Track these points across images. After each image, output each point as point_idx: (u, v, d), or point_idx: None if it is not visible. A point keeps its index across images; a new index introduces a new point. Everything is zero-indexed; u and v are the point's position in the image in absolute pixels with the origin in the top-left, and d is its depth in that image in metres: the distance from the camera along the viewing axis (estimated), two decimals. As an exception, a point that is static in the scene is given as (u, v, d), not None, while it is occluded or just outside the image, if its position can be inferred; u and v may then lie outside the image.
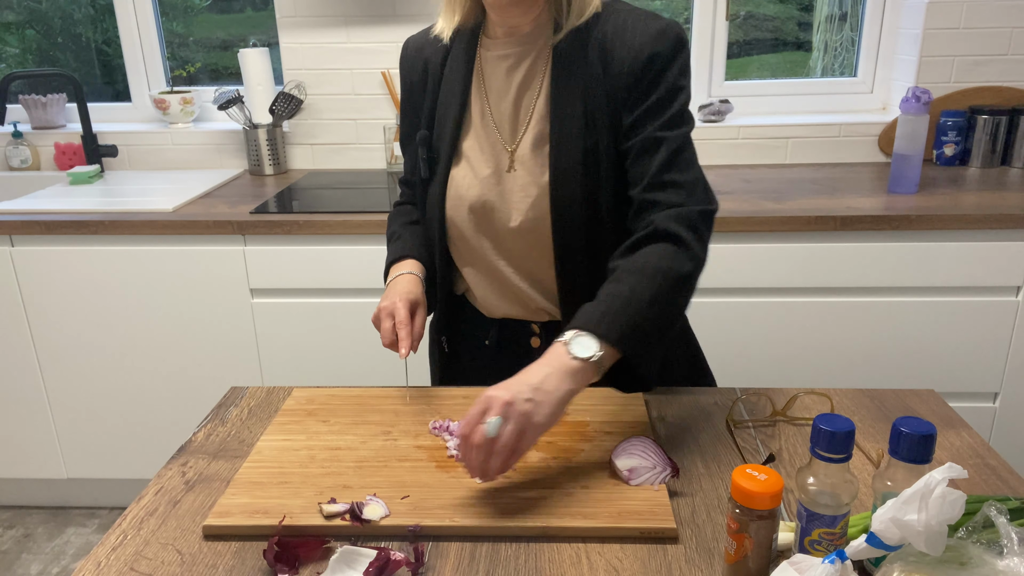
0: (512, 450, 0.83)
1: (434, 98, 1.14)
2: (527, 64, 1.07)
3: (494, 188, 1.09)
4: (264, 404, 1.13)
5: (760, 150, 2.42)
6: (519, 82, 1.08)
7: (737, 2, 2.50)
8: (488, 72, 1.10)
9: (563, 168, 1.04)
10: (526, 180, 1.07)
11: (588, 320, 0.91)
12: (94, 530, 2.29)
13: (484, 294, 1.17)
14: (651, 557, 0.79)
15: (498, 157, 1.09)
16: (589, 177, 1.04)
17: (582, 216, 1.05)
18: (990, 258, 1.87)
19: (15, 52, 2.75)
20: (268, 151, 2.45)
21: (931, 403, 1.09)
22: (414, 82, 1.17)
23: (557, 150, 1.04)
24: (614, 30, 1.02)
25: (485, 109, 1.10)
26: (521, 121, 1.08)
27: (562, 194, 1.05)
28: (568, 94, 1.04)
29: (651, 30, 1.00)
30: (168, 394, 2.16)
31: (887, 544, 0.64)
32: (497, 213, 1.09)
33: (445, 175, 1.12)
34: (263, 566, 0.79)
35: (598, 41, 1.03)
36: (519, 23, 1.07)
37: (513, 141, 1.09)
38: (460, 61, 1.12)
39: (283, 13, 2.40)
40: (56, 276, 2.06)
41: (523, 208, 1.07)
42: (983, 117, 2.25)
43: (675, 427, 1.04)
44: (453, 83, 1.12)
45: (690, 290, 0.99)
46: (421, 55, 1.16)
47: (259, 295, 2.05)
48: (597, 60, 1.03)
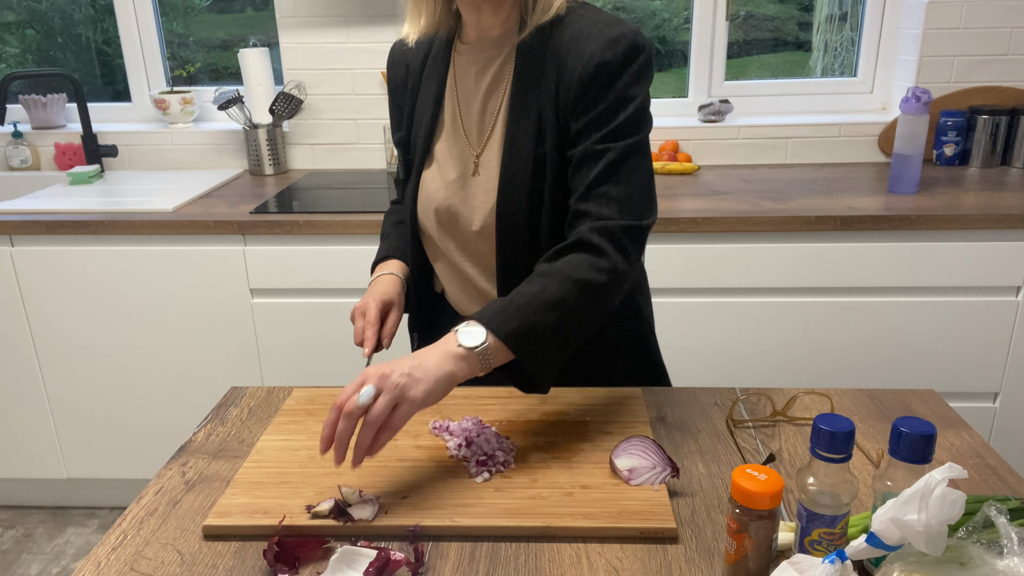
0: (384, 424, 0.84)
1: (413, 101, 1.17)
2: (494, 68, 1.07)
3: (458, 192, 1.10)
4: (264, 404, 1.13)
5: (760, 150, 2.42)
6: (486, 87, 1.08)
7: (737, 2, 2.51)
8: (460, 76, 1.11)
9: (511, 174, 1.04)
10: (488, 185, 1.08)
11: (484, 313, 0.93)
12: (94, 530, 2.29)
13: (455, 293, 1.20)
14: (651, 557, 0.79)
15: (465, 161, 1.10)
16: (536, 185, 1.04)
17: (526, 222, 1.05)
18: (990, 258, 1.87)
19: (15, 52, 2.75)
20: (268, 151, 2.45)
21: (931, 403, 1.09)
22: (397, 85, 1.19)
23: (509, 156, 1.05)
24: (570, 38, 1.01)
25: (456, 113, 1.11)
26: (487, 126, 1.09)
27: (508, 200, 1.05)
28: (525, 100, 1.04)
29: (603, 39, 0.98)
30: (168, 394, 2.16)
31: (887, 544, 0.64)
32: (460, 217, 1.10)
33: (417, 177, 1.15)
34: (263, 566, 0.79)
35: (554, 49, 1.02)
36: (490, 24, 1.06)
37: (479, 145, 1.09)
38: (437, 65, 1.13)
39: (283, 13, 2.40)
40: (56, 276, 2.06)
41: (484, 212, 1.08)
42: (983, 117, 2.25)
43: (675, 427, 1.04)
44: (430, 87, 1.14)
45: (602, 301, 0.97)
46: (404, 59, 1.18)
47: (259, 295, 2.05)
48: (552, 69, 1.02)
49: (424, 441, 0.99)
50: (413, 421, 1.04)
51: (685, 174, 2.31)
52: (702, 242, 1.90)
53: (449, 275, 1.19)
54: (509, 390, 1.10)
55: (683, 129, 2.42)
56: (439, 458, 0.95)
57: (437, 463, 0.94)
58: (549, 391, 1.02)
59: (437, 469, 0.93)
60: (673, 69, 2.59)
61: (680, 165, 2.29)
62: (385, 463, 0.94)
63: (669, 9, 2.54)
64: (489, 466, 0.91)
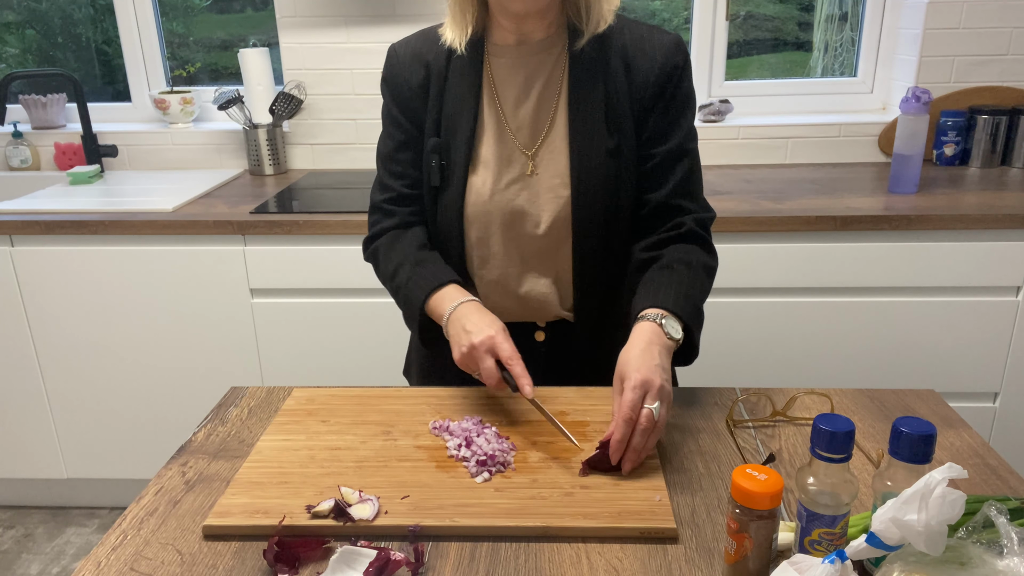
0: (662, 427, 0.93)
1: (440, 106, 1.13)
2: (546, 71, 1.10)
3: (521, 193, 1.11)
4: (264, 404, 1.13)
5: (760, 150, 2.42)
6: (540, 89, 1.10)
7: (737, 2, 2.50)
8: (501, 79, 1.12)
9: (585, 168, 1.08)
10: (554, 182, 1.10)
11: (665, 301, 1.02)
12: (94, 530, 2.29)
13: (495, 303, 1.16)
14: (651, 557, 0.79)
15: (519, 162, 1.11)
16: (610, 177, 1.09)
17: (602, 214, 1.10)
18: (990, 258, 1.87)
19: (15, 52, 2.75)
20: (268, 151, 2.45)
21: (931, 403, 1.09)
22: (414, 87, 1.14)
23: (579, 152, 1.08)
24: (633, 39, 1.09)
25: (500, 116, 1.12)
26: (541, 125, 1.11)
27: (584, 193, 1.09)
28: (588, 98, 1.08)
29: (667, 42, 1.09)
30: (168, 394, 2.16)
31: (887, 544, 0.64)
32: (527, 217, 1.11)
33: (462, 184, 1.12)
34: (263, 566, 0.79)
35: (619, 49, 1.09)
36: (532, 30, 1.09)
37: (533, 146, 1.11)
38: (468, 68, 1.12)
39: (283, 13, 2.40)
40: (56, 276, 2.06)
41: (553, 209, 1.10)
42: (983, 117, 2.25)
43: (675, 427, 1.04)
44: (461, 91, 1.12)
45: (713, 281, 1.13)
46: (420, 60, 1.14)
47: (259, 295, 2.05)
48: (620, 66, 1.08)
49: (424, 441, 0.99)
50: (413, 421, 1.04)
51: (685, 174, 2.30)
52: (702, 242, 1.89)
53: (494, 280, 1.16)
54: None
55: (683, 129, 2.41)
56: (439, 458, 0.95)
57: (437, 463, 0.94)
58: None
59: (437, 469, 0.93)
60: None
61: (680, 165, 2.29)
62: (385, 463, 0.94)
63: (669, 9, 2.54)
64: (489, 466, 0.91)
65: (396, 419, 1.04)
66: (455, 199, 1.12)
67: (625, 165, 1.10)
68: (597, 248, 1.12)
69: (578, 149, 1.09)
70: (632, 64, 1.09)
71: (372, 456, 0.95)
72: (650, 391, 0.91)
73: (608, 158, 1.08)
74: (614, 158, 1.09)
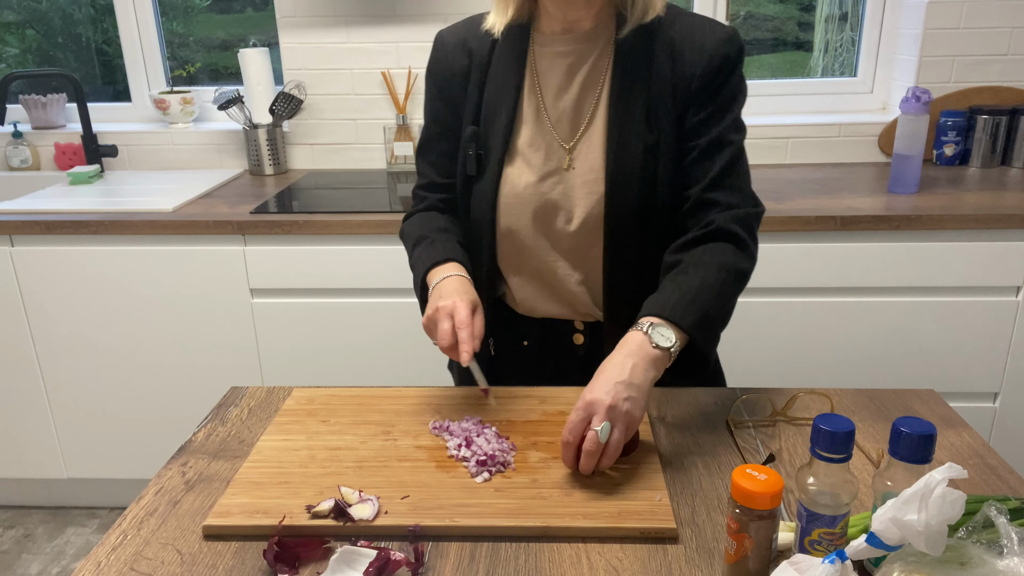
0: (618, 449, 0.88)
1: (480, 94, 1.11)
2: (591, 61, 1.07)
3: (556, 187, 1.08)
4: (264, 404, 1.13)
5: (760, 150, 2.42)
6: (583, 80, 1.07)
7: (737, 2, 2.50)
8: (544, 69, 1.09)
9: (621, 165, 1.05)
10: (588, 178, 1.07)
11: (663, 309, 0.96)
12: (94, 530, 2.29)
13: (530, 295, 1.16)
14: (651, 557, 0.79)
15: (556, 155, 1.09)
16: (647, 174, 1.05)
17: (637, 213, 1.06)
18: (990, 258, 1.87)
19: (15, 52, 2.75)
20: (268, 151, 2.45)
21: (931, 403, 1.09)
22: (456, 73, 1.13)
23: (616, 147, 1.05)
24: (683, 31, 1.05)
25: (540, 106, 1.09)
26: (582, 118, 1.08)
27: (618, 191, 1.05)
28: (630, 91, 1.05)
29: (720, 34, 1.05)
30: (168, 394, 2.16)
31: (887, 544, 0.64)
32: (560, 211, 1.09)
33: (497, 174, 1.10)
34: (263, 566, 0.79)
35: (667, 41, 1.05)
36: (579, 18, 1.06)
37: (571, 139, 1.08)
38: (511, 56, 1.10)
39: (283, 13, 2.40)
40: (56, 276, 2.06)
41: (586, 205, 1.07)
42: (983, 117, 2.25)
43: (675, 427, 1.04)
44: (503, 79, 1.10)
45: (745, 285, 1.05)
46: (464, 47, 1.12)
47: (259, 295, 2.05)
48: (666, 59, 1.05)
49: (424, 441, 0.99)
50: (413, 421, 1.04)
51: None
52: (702, 242, 1.89)
53: (527, 274, 1.15)
54: (509, 390, 1.11)
55: (683, 129, 2.41)
56: (439, 458, 0.95)
57: (437, 463, 0.94)
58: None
59: (437, 469, 0.93)
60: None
61: (680, 165, 2.29)
62: (385, 463, 0.94)
63: (669, 9, 2.54)
64: (489, 466, 0.91)
65: (396, 419, 1.04)
66: (489, 189, 1.10)
67: (664, 163, 1.06)
68: (630, 247, 1.08)
69: (615, 144, 1.05)
70: (679, 57, 1.04)
71: (372, 456, 0.95)
72: (597, 413, 0.86)
73: (646, 155, 1.05)
74: (652, 155, 1.05)
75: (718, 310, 1.00)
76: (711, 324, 0.99)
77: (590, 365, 1.10)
